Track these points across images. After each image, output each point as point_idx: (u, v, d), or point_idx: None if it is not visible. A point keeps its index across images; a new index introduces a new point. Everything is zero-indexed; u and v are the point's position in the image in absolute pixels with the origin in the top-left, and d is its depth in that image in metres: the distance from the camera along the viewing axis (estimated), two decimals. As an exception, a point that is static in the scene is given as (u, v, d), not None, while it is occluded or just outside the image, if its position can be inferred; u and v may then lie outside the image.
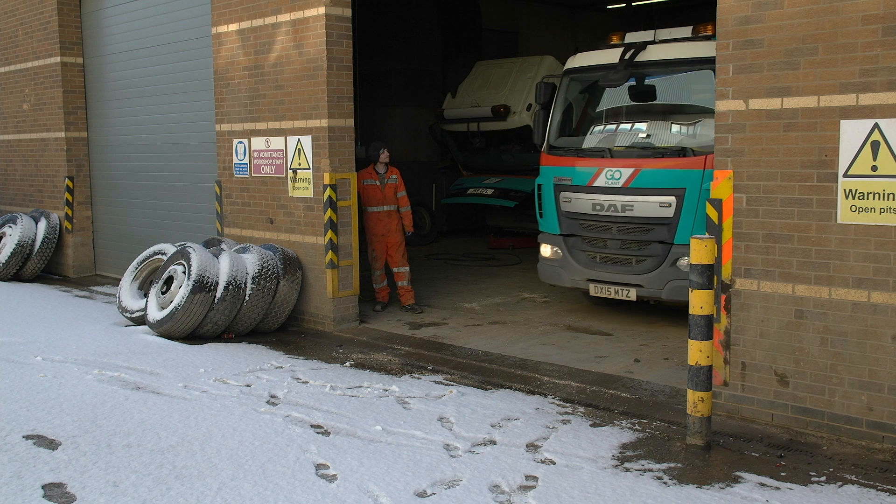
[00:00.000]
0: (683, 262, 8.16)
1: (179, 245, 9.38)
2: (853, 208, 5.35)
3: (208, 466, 5.13)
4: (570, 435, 5.70)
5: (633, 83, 8.84)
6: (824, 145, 5.44)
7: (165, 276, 8.83)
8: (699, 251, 5.29)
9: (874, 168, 5.25)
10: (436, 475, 4.99)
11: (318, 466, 5.14)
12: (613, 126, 9.14)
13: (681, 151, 8.22)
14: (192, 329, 8.44)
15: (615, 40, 9.08)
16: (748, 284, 5.83)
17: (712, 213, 5.92)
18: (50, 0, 12.85)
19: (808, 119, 5.49)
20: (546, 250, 9.32)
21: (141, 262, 9.83)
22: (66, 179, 12.91)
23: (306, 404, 6.37)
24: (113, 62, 12.44)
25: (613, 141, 8.87)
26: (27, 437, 5.63)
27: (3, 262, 12.25)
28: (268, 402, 6.42)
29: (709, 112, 8.16)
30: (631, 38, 8.97)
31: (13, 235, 12.43)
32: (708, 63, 7.94)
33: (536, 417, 6.06)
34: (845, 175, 5.36)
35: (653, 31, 8.87)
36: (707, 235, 5.46)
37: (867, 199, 5.29)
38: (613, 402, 6.48)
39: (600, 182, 8.65)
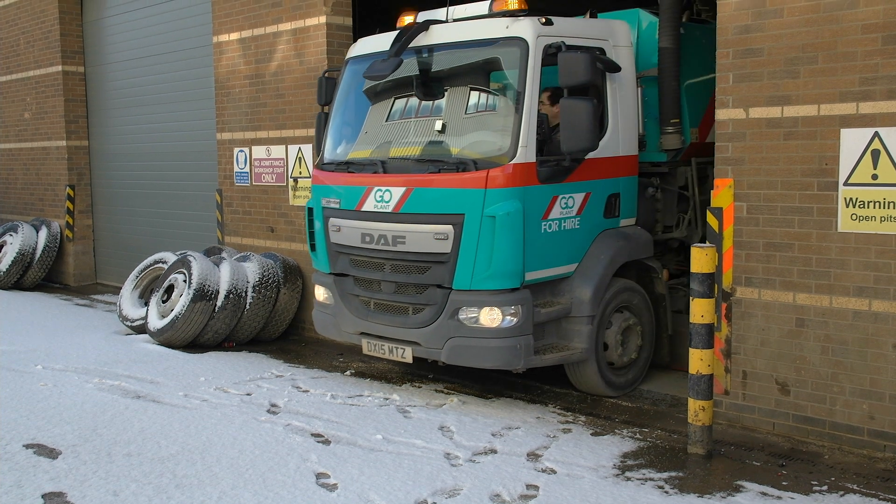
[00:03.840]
0: (466, 314, 6.20)
1: (180, 254, 9.39)
2: (854, 217, 5.35)
3: (209, 475, 5.12)
4: (571, 444, 5.68)
5: (415, 74, 6.84)
6: (824, 154, 5.44)
7: (166, 284, 8.83)
8: (700, 259, 5.29)
9: (874, 177, 5.25)
10: (436, 484, 4.98)
11: (319, 475, 5.13)
12: (388, 132, 7.11)
13: (459, 165, 6.20)
14: (192, 337, 8.43)
15: (405, 21, 6.94)
16: (749, 293, 5.83)
17: (713, 221, 5.92)
18: (52, 9, 12.89)
19: (809, 128, 5.50)
20: (319, 293, 7.29)
21: (142, 271, 9.83)
22: (67, 188, 12.93)
23: (307, 413, 6.36)
24: (114, 71, 12.47)
25: (387, 151, 6.87)
26: (27, 446, 5.62)
27: (4, 270, 12.25)
28: (268, 411, 6.41)
29: (498, 109, 6.44)
30: (426, 17, 6.86)
31: (14, 244, 12.44)
32: (498, 45, 6.29)
33: (537, 426, 6.05)
34: (846, 184, 5.36)
35: (445, 8, 6.77)
36: (707, 244, 5.47)
37: (868, 207, 5.29)
38: (614, 411, 6.47)
39: (369, 205, 6.64)
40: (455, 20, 6.71)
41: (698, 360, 5.34)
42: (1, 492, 4.88)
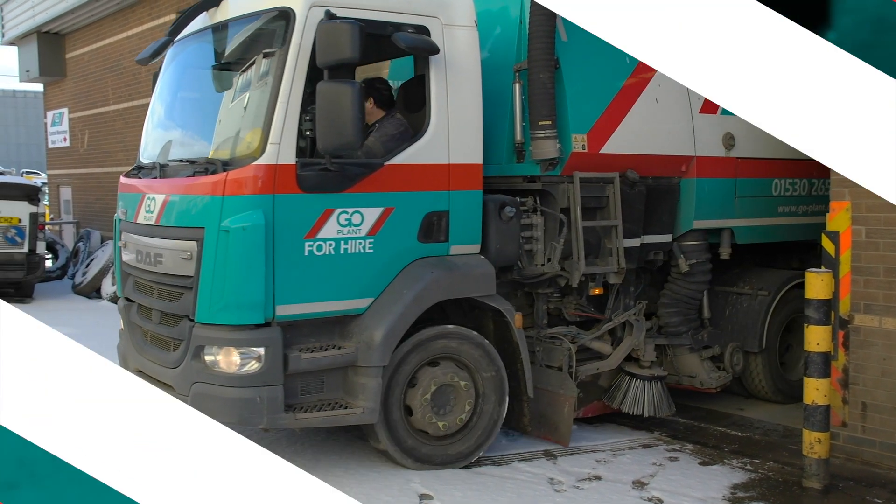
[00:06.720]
0: (210, 354, 5.00)
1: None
2: (984, 242, 5.07)
3: (315, 494, 5.21)
4: (678, 473, 5.55)
5: (202, 57, 5.95)
6: (951, 175, 5.18)
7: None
8: (815, 285, 5.11)
9: None
10: (540, 510, 4.95)
11: (422, 497, 5.16)
12: (174, 128, 6.27)
13: (209, 167, 5.11)
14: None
15: None
16: (868, 321, 5.58)
17: (829, 245, 5.70)
18: (170, 39, 13.50)
19: (933, 148, 5.24)
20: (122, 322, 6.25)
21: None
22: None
23: (410, 434, 6.41)
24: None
25: (167, 152, 5.92)
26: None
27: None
28: (372, 431, 6.49)
29: (258, 99, 5.16)
30: None
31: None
32: (268, 17, 5.23)
33: (643, 453, 5.94)
34: (975, 207, 5.09)
35: None
36: (823, 269, 5.27)
37: None
38: (723, 440, 6.29)
39: (141, 216, 5.67)
40: None
41: (814, 390, 5.14)
42: None
